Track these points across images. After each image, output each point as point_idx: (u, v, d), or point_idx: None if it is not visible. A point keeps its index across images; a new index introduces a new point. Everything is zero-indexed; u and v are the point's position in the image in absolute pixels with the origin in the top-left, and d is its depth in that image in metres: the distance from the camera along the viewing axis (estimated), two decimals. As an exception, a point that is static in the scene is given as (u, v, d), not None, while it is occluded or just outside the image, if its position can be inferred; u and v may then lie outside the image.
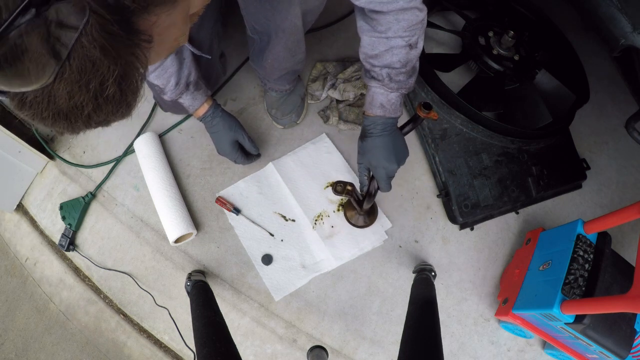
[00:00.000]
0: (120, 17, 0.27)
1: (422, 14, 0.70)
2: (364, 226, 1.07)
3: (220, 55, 1.08)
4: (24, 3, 0.22)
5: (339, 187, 0.89)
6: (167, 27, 0.34)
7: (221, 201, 1.09)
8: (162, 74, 0.84)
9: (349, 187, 0.90)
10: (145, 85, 0.83)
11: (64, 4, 0.23)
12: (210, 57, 0.83)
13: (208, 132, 1.00)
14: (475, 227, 1.14)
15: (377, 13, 0.68)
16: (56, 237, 1.12)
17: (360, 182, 0.90)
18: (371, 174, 0.88)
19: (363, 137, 0.82)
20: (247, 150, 1.04)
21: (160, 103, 1.13)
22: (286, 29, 0.82)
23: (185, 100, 0.92)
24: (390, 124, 0.80)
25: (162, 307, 1.03)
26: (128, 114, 0.34)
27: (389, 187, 0.85)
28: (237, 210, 1.08)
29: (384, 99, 0.77)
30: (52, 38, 0.23)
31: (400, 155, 0.82)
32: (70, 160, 1.18)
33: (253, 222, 1.08)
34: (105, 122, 0.33)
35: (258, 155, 1.08)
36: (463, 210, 1.08)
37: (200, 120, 0.97)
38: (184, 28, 0.39)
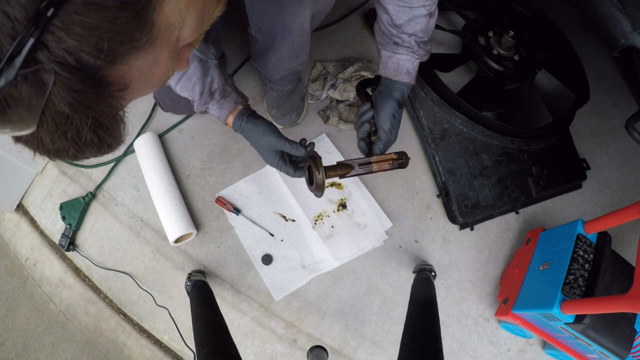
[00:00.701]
0: (85, 75, 0.27)
1: None
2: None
3: (221, 55, 1.08)
4: (5, 59, 0.24)
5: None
6: (149, 66, 0.33)
7: (221, 201, 1.09)
8: (187, 84, 0.79)
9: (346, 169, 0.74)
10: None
11: (36, 68, 0.25)
12: (216, 62, 0.80)
13: None
14: (475, 227, 1.14)
15: None
16: (56, 237, 1.12)
17: (382, 144, 0.78)
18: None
19: (400, 104, 0.77)
20: (294, 155, 0.82)
21: (160, 103, 1.13)
22: (293, 31, 0.81)
23: (214, 111, 0.83)
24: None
25: (162, 307, 1.03)
26: (115, 149, 0.35)
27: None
28: (237, 210, 1.08)
29: (410, 66, 0.77)
30: (28, 95, 0.26)
31: None
32: (70, 160, 1.18)
33: (253, 222, 1.08)
34: (95, 156, 0.35)
35: (298, 168, 0.85)
36: (463, 210, 1.08)
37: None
38: (171, 64, 0.37)
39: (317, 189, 0.72)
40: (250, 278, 1.05)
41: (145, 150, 1.10)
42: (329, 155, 1.16)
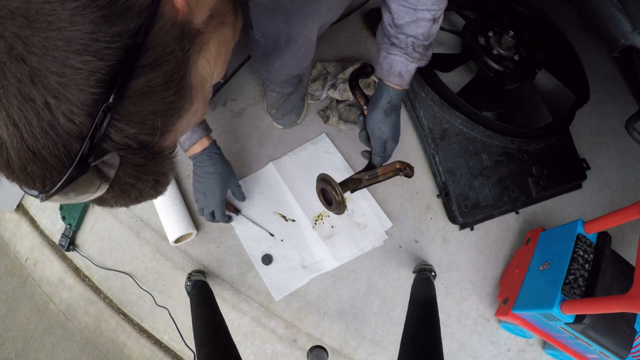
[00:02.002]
0: (145, 151, 0.31)
1: None
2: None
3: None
4: (77, 159, 0.27)
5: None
6: (190, 119, 0.37)
7: (221, 201, 1.09)
8: None
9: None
10: None
11: (106, 158, 0.29)
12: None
13: (196, 176, 0.93)
14: (475, 227, 1.14)
15: None
16: (56, 237, 1.12)
17: (377, 155, 0.82)
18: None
19: (387, 111, 0.78)
20: (237, 199, 1.04)
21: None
22: (299, 41, 0.81)
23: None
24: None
25: (162, 307, 1.03)
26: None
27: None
28: (237, 210, 1.08)
29: (403, 69, 0.76)
30: (99, 176, 0.30)
31: None
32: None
33: (253, 222, 1.08)
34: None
35: (230, 219, 1.04)
36: (463, 210, 1.08)
37: (194, 160, 0.91)
38: (206, 105, 0.40)
39: (339, 208, 0.77)
40: (250, 278, 1.05)
41: (145, 150, 1.10)
42: (329, 155, 1.16)
